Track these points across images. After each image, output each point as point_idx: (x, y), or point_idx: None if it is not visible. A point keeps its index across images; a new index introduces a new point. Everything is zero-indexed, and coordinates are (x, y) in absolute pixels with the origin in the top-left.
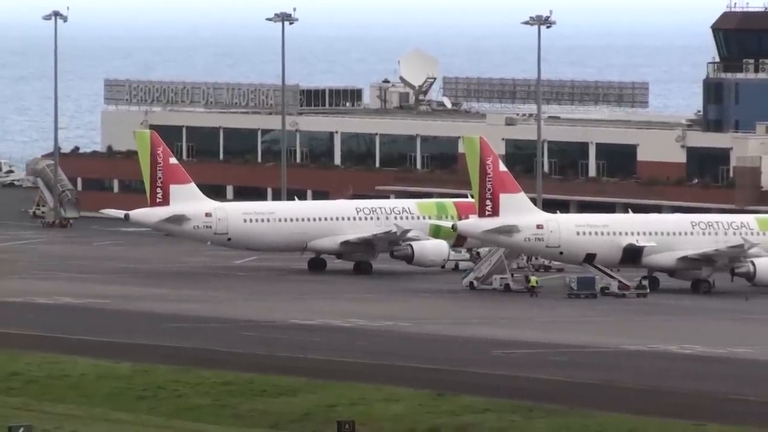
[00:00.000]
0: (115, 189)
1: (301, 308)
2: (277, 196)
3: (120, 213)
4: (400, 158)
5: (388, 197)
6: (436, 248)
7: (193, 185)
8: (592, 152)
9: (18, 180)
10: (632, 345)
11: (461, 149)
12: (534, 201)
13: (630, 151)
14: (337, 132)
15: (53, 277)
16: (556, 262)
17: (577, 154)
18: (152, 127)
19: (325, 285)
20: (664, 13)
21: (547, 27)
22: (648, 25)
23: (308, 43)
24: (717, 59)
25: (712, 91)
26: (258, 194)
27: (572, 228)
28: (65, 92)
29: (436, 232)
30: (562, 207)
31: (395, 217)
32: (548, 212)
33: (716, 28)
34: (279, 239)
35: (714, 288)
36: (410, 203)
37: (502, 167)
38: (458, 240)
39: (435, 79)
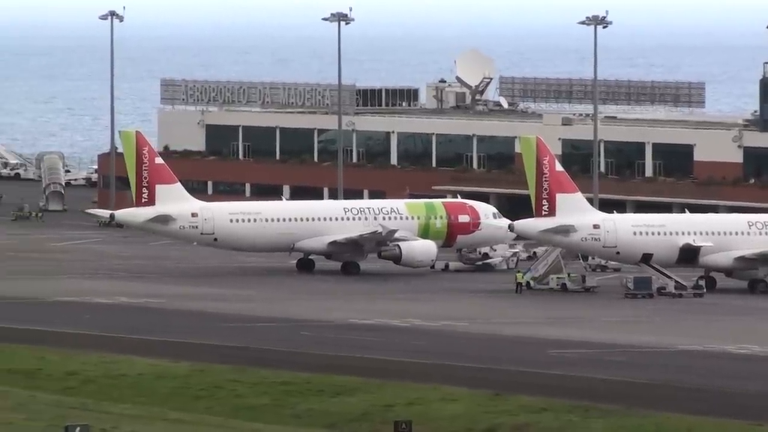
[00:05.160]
0: None
1: (358, 308)
2: (333, 196)
3: (106, 213)
4: (456, 158)
5: (445, 197)
6: (424, 248)
7: (179, 185)
8: (648, 152)
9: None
10: (689, 345)
11: (518, 149)
12: (591, 201)
13: (687, 151)
14: (393, 132)
15: (109, 276)
16: (612, 262)
17: (633, 154)
18: (209, 126)
19: (380, 285)
20: (717, 13)
21: (604, 27)
22: (696, 26)
23: (359, 42)
24: None
25: None
26: (314, 194)
27: (629, 228)
28: (126, 93)
29: (425, 232)
30: (619, 207)
31: (383, 218)
32: (605, 212)
33: None
34: (265, 240)
35: None
36: (399, 203)
37: (559, 167)
38: (448, 240)
39: (491, 78)
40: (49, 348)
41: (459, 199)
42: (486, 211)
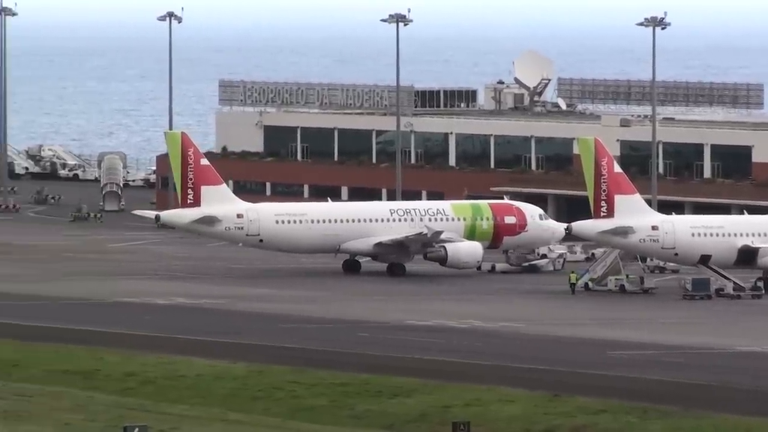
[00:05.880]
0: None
1: (415, 309)
2: (391, 197)
3: (152, 214)
4: (515, 159)
5: (502, 198)
6: (469, 250)
7: (224, 186)
8: (707, 153)
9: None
10: (747, 346)
11: (576, 150)
12: (649, 202)
13: (745, 152)
14: (451, 133)
15: (167, 277)
16: (671, 264)
17: (692, 156)
18: (267, 128)
19: (427, 286)
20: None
21: (662, 29)
22: (750, 27)
23: (415, 43)
24: None
25: None
26: (373, 195)
27: (687, 229)
28: (189, 93)
29: (472, 233)
30: (677, 208)
31: (429, 219)
32: (663, 213)
33: None
34: (311, 241)
35: None
36: (445, 205)
37: (617, 168)
38: (494, 242)
39: (549, 80)
40: (108, 349)
41: (505, 200)
42: (532, 212)
